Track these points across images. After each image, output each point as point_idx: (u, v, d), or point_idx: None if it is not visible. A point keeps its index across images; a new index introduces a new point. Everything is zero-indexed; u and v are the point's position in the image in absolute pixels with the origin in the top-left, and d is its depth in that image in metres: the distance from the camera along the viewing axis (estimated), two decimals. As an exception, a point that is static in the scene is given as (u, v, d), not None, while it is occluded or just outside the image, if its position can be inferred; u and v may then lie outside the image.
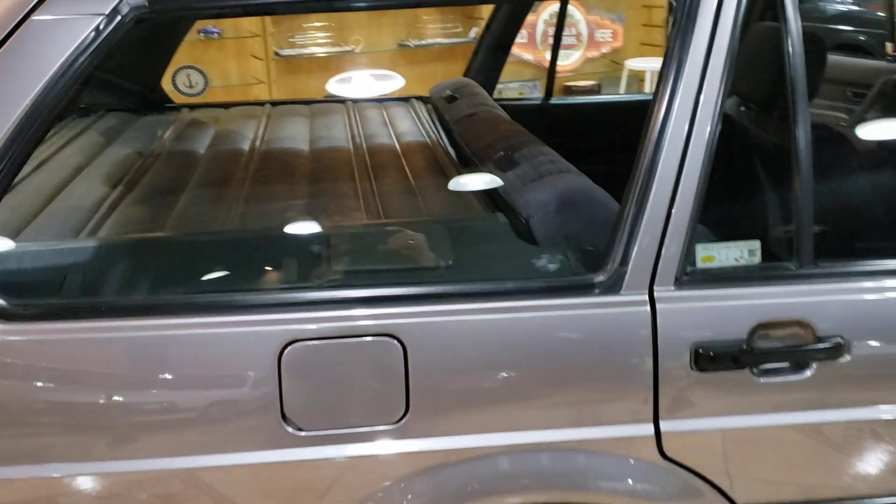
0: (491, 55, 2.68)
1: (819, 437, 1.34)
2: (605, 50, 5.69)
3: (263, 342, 1.19)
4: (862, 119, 2.23)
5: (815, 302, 1.30)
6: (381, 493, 1.25)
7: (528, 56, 5.45)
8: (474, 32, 5.04)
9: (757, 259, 1.33)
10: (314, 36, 4.79)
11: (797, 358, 1.30)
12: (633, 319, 1.26)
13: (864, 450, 1.36)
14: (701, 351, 1.26)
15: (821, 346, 1.29)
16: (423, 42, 5.02)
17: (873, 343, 1.32)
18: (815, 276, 1.31)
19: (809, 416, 1.32)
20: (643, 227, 1.26)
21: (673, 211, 1.26)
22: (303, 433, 1.22)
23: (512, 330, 1.25)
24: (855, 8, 6.13)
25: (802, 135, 1.29)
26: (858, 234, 1.66)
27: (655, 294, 1.27)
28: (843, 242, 1.62)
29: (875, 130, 2.11)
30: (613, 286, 1.27)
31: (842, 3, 6.32)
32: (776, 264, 1.32)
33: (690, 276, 1.29)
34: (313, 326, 1.20)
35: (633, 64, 5.35)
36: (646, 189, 1.25)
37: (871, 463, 1.37)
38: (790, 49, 1.31)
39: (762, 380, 1.29)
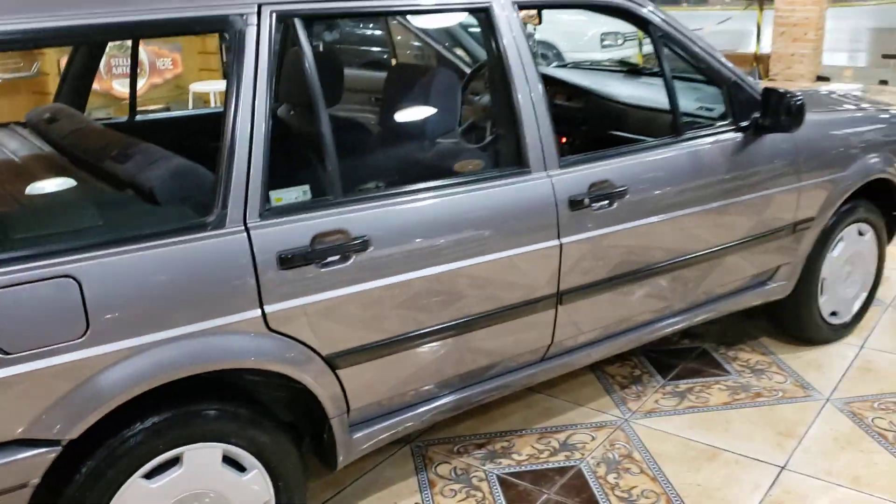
0: (77, 83, 3.12)
1: (364, 299, 2.13)
2: (168, 77, 6.22)
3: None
4: (370, 114, 3.14)
5: (348, 217, 2.09)
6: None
7: (94, 86, 5.76)
8: (36, 67, 5.25)
9: (308, 196, 2.08)
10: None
11: (342, 252, 2.07)
12: (237, 241, 1.93)
13: (393, 306, 2.19)
14: (282, 256, 1.98)
15: (354, 243, 2.08)
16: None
17: (387, 240, 2.14)
18: (344, 202, 2.09)
19: (355, 289, 2.10)
20: (233, 185, 1.94)
21: (251, 172, 1.95)
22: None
23: (154, 267, 1.84)
24: (378, 32, 7.43)
25: (323, 123, 2.06)
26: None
27: (248, 224, 1.96)
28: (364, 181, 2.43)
29: (374, 119, 3.02)
30: (220, 223, 1.92)
31: (371, 28, 7.59)
32: (321, 198, 2.09)
33: (269, 211, 1.99)
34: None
35: (197, 87, 5.96)
36: (231, 162, 1.93)
37: (397, 312, 2.20)
38: (307, 67, 2.08)
39: (323, 269, 2.05)
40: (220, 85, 6.00)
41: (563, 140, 3.11)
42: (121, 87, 5.87)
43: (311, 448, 2.32)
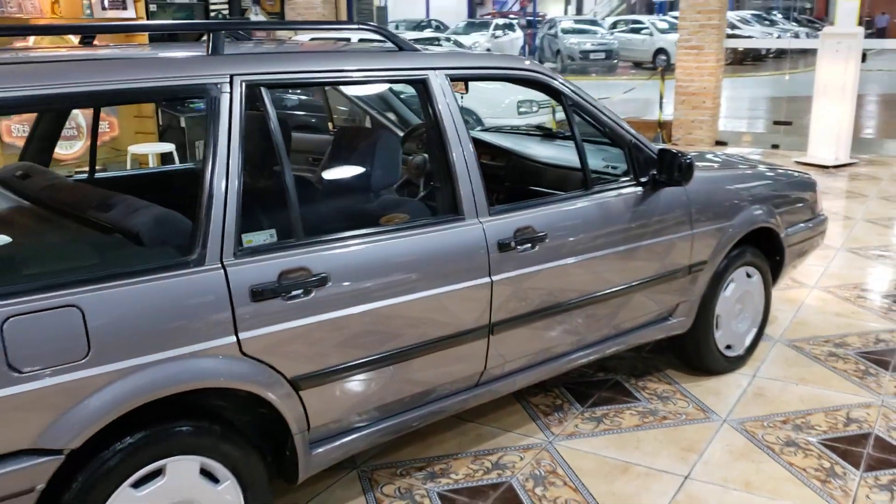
0: (43, 144, 3.38)
1: (323, 328, 2.44)
2: (105, 139, 6.44)
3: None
4: (322, 170, 3.47)
5: (309, 257, 2.42)
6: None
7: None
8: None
9: (275, 239, 2.41)
10: None
11: (304, 287, 2.39)
12: (215, 277, 2.24)
13: (347, 335, 2.50)
14: (253, 290, 2.29)
15: (314, 279, 2.40)
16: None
17: (342, 277, 2.47)
18: (306, 244, 2.42)
19: (316, 318, 2.42)
20: (211, 229, 2.25)
21: (226, 218, 2.27)
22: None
23: (146, 298, 2.13)
24: (304, 97, 7.81)
25: (287, 176, 2.40)
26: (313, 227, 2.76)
27: (225, 262, 2.27)
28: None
29: (326, 175, 3.35)
30: (200, 261, 2.23)
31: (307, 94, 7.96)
32: (286, 241, 2.41)
33: (242, 250, 2.31)
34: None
35: (135, 149, 6.20)
36: (210, 209, 2.25)
37: (350, 340, 2.52)
38: (272, 128, 2.42)
39: (288, 302, 2.36)
40: (158, 147, 6.27)
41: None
42: (60, 150, 6.07)
43: (273, 466, 2.59)
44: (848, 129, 9.28)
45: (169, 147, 6.16)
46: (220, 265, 2.26)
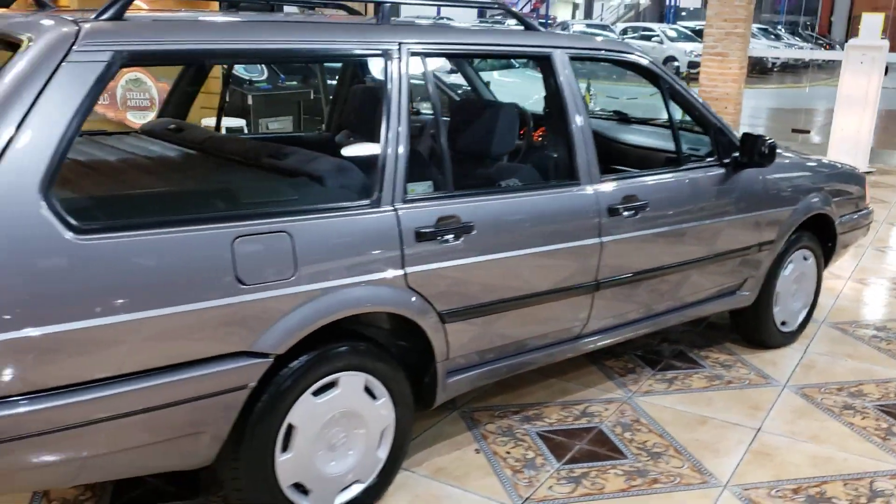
0: (180, 103, 3.70)
1: (468, 271, 2.77)
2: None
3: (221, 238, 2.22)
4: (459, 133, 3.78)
5: (458, 207, 2.74)
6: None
7: (111, 115, 6.25)
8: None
9: (431, 189, 2.73)
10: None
11: (455, 233, 2.72)
12: (389, 218, 2.57)
13: (487, 278, 2.84)
14: (418, 231, 2.62)
15: (462, 226, 2.73)
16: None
17: (488, 224, 2.80)
18: (456, 195, 2.75)
19: (463, 261, 2.75)
20: (386, 177, 2.58)
21: (397, 169, 2.59)
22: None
23: (337, 230, 2.45)
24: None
25: (442, 134, 2.71)
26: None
27: (396, 206, 2.59)
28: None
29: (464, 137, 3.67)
30: (377, 204, 2.56)
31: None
32: (440, 191, 2.74)
33: (408, 198, 2.63)
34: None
35: (207, 122, 6.49)
36: (385, 161, 2.57)
37: (489, 283, 2.85)
38: (431, 91, 2.74)
39: (443, 244, 2.69)
40: (228, 121, 6.56)
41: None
42: (133, 118, 6.36)
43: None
44: (867, 140, 9.67)
45: (240, 122, 6.46)
46: (392, 208, 2.59)
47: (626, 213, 3.22)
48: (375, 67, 2.69)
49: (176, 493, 2.83)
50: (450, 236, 2.70)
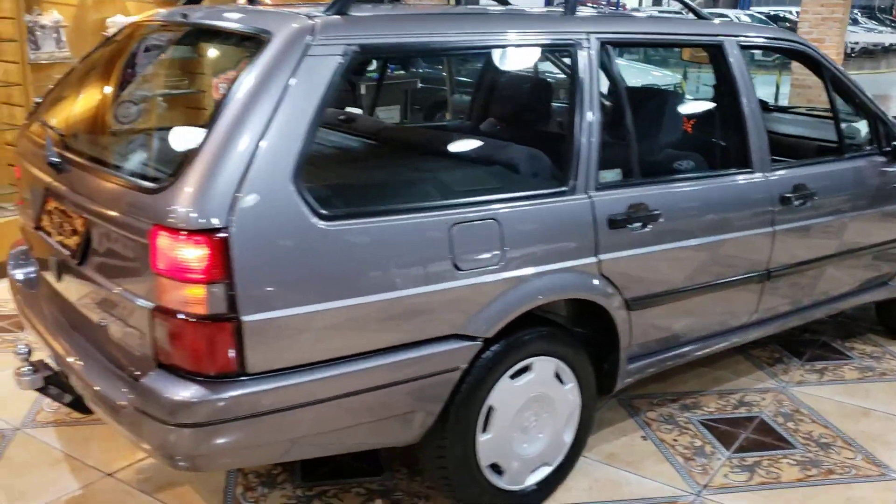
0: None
1: (655, 259, 2.79)
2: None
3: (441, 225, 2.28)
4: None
5: (646, 195, 2.76)
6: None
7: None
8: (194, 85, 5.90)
9: (620, 177, 2.76)
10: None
11: (644, 220, 2.74)
12: (585, 205, 2.60)
13: (672, 266, 2.85)
14: (610, 218, 2.64)
15: (650, 214, 2.75)
16: (158, 92, 5.73)
17: (673, 211, 2.81)
18: (643, 183, 2.77)
19: (650, 249, 2.77)
20: (581, 165, 2.61)
21: (590, 157, 2.62)
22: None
23: (538, 217, 2.49)
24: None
25: (628, 123, 2.75)
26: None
27: (590, 193, 2.62)
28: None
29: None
30: (573, 191, 2.59)
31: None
32: (628, 179, 2.76)
33: (602, 185, 2.66)
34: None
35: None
36: (580, 149, 2.60)
37: (673, 271, 2.87)
38: (618, 79, 2.76)
39: (633, 232, 2.71)
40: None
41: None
42: None
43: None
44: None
45: (359, 112, 6.55)
46: (586, 196, 2.62)
47: (796, 203, 3.20)
48: (568, 56, 2.71)
49: (361, 469, 2.92)
50: (639, 224, 2.72)
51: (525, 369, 2.59)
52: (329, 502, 2.76)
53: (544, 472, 2.73)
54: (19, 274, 2.95)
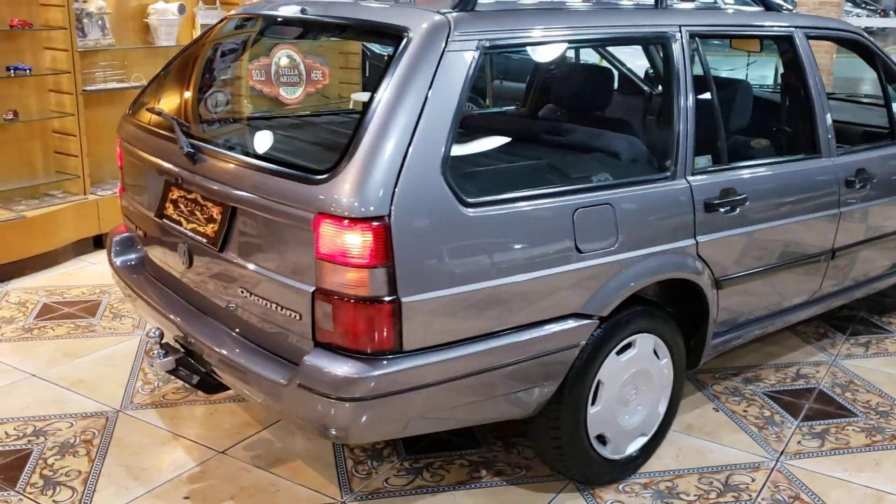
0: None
1: (741, 241, 2.96)
2: (318, 87, 6.95)
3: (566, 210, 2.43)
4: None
5: (734, 180, 2.93)
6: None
7: (267, 90, 6.46)
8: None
9: (710, 163, 2.92)
10: (105, 73, 5.30)
11: (733, 204, 2.90)
12: (684, 190, 2.76)
13: (757, 247, 3.02)
14: (706, 202, 2.81)
15: (739, 198, 2.92)
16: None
17: (756, 195, 2.97)
18: (729, 169, 2.94)
19: (738, 231, 2.93)
20: (679, 151, 2.76)
21: (687, 143, 2.78)
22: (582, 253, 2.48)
23: (646, 201, 2.64)
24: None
25: (716, 113, 2.87)
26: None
27: (688, 177, 2.78)
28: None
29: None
30: (674, 176, 2.75)
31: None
32: (718, 165, 2.92)
33: (696, 170, 2.82)
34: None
35: (357, 97, 6.71)
36: (677, 135, 2.75)
37: (759, 252, 3.04)
38: (705, 69, 2.92)
39: (724, 215, 2.88)
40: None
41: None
42: (285, 93, 6.61)
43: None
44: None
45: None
46: (685, 181, 2.78)
47: (858, 186, 3.38)
48: (660, 48, 2.86)
49: (457, 443, 3.08)
50: (729, 207, 2.89)
51: (628, 346, 2.75)
52: (437, 473, 2.91)
53: (641, 441, 2.90)
54: (126, 260, 3.06)
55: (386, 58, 2.33)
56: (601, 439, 2.76)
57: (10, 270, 4.63)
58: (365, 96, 6.78)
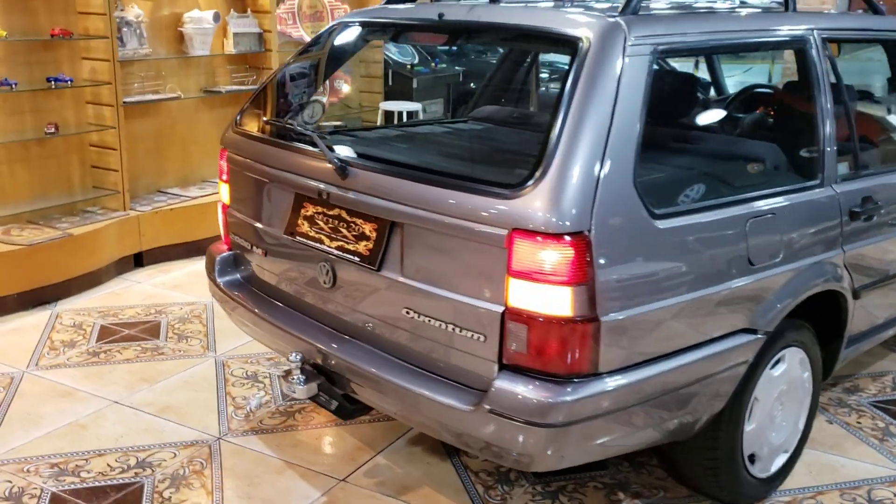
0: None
1: (875, 249, 2.89)
2: (341, 96, 6.79)
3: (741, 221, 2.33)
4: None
5: (870, 187, 2.86)
6: None
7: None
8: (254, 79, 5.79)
9: (848, 170, 2.84)
10: (143, 84, 5.10)
11: (871, 213, 2.83)
12: (831, 195, 2.68)
13: (890, 251, 2.96)
14: (851, 210, 2.73)
15: (877, 204, 2.84)
16: (228, 88, 5.61)
17: (888, 202, 2.91)
18: (864, 177, 2.87)
19: (874, 239, 2.86)
20: (825, 160, 2.68)
21: (830, 151, 2.70)
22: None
23: (801, 209, 2.56)
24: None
25: (851, 117, 2.80)
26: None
27: (833, 186, 2.71)
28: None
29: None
30: (822, 184, 2.67)
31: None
32: (857, 171, 2.85)
33: (839, 179, 2.74)
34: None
35: (385, 105, 6.56)
36: (823, 142, 2.67)
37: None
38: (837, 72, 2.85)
39: (862, 224, 2.80)
40: (406, 105, 6.62)
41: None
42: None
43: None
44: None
45: (416, 106, 6.52)
46: (832, 188, 2.70)
47: None
48: (796, 51, 2.78)
49: (584, 466, 2.95)
50: (868, 216, 2.82)
51: (779, 360, 2.65)
52: (573, 497, 2.78)
53: (783, 458, 2.81)
54: (233, 280, 2.90)
55: (566, 64, 2.19)
56: (751, 458, 2.66)
57: (57, 291, 4.40)
58: (393, 105, 6.66)
